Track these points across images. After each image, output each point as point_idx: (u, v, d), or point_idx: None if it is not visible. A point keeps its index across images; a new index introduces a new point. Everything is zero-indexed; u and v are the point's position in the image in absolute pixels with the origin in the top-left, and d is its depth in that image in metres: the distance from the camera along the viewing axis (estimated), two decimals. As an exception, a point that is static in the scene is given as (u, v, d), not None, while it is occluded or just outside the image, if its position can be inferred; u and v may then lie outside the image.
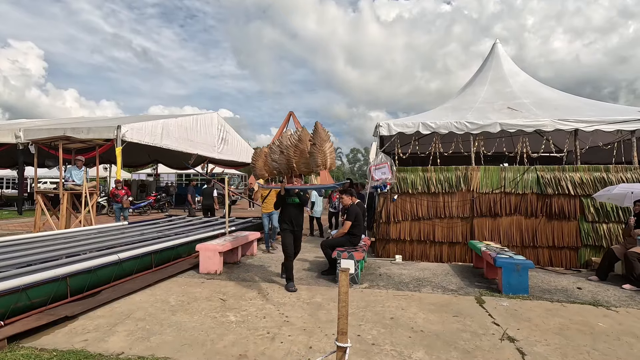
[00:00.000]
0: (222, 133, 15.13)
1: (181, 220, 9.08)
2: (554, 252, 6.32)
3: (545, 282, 5.21)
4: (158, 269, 5.31)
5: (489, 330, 3.41)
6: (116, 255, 4.63)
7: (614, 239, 6.03)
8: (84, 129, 9.38)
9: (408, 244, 6.76)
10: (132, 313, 3.70)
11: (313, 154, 4.26)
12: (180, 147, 12.06)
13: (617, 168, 6.34)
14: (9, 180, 31.36)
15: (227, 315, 3.70)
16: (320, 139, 4.20)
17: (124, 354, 2.82)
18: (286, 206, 4.83)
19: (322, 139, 4.20)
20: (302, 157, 4.52)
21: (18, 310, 3.34)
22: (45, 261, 4.25)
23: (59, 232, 6.46)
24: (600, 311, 4.01)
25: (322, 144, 4.19)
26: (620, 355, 2.96)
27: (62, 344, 2.97)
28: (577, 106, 7.69)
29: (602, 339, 3.27)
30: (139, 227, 7.55)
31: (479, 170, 6.65)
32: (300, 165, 4.61)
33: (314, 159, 4.26)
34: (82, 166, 8.43)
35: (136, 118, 13.70)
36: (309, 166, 4.46)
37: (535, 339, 3.24)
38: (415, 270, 5.84)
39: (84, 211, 7.87)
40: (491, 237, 6.45)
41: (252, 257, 6.69)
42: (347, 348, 1.97)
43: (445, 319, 3.71)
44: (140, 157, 17.77)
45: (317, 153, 4.21)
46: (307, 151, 4.40)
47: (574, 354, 2.96)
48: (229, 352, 2.90)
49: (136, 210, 15.04)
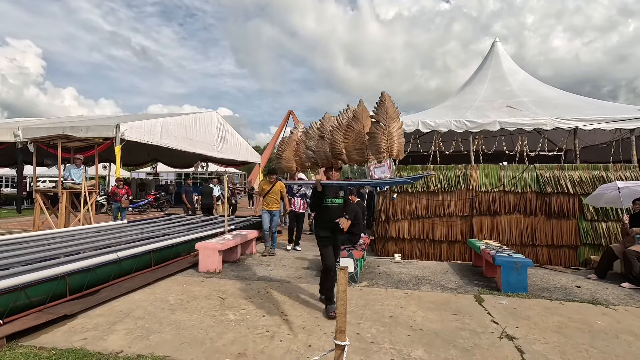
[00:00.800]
0: (221, 132, 15.10)
1: (180, 219, 9.07)
2: (553, 251, 6.33)
3: (544, 281, 5.21)
4: (157, 267, 5.31)
5: (487, 329, 3.41)
6: (115, 254, 4.63)
7: (613, 237, 6.04)
8: (83, 128, 9.36)
9: (407, 243, 6.77)
10: (131, 312, 3.70)
11: (375, 135, 3.19)
12: (180, 146, 12.03)
13: (616, 167, 6.34)
14: (8, 179, 31.31)
15: (226, 313, 3.70)
16: (387, 116, 3.15)
17: (123, 353, 2.82)
18: (324, 208, 3.87)
19: (390, 116, 3.16)
20: (357, 141, 3.44)
21: (17, 309, 3.34)
22: (44, 260, 4.24)
23: (58, 231, 6.45)
24: (599, 309, 4.02)
25: (389, 122, 3.15)
26: (619, 353, 2.97)
27: (61, 343, 2.97)
28: (576, 105, 7.70)
29: (600, 337, 3.27)
30: (138, 225, 7.55)
31: (478, 168, 6.65)
32: (351, 152, 3.54)
33: (376, 143, 3.18)
34: (81, 165, 8.41)
35: (135, 117, 13.67)
36: (363, 153, 3.44)
37: (534, 337, 3.25)
38: (415, 269, 5.85)
39: (83, 210, 7.86)
40: (490, 235, 6.45)
41: (251, 256, 6.69)
42: (346, 346, 1.97)
43: (445, 317, 3.71)
44: (140, 155, 17.74)
45: (381, 135, 3.15)
46: (364, 133, 3.36)
47: (573, 352, 2.96)
48: (228, 350, 2.90)
49: (135, 209, 15.03)
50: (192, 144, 12.78)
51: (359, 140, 3.41)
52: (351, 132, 3.46)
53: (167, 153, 15.81)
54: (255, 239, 7.02)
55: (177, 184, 25.41)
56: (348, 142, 3.50)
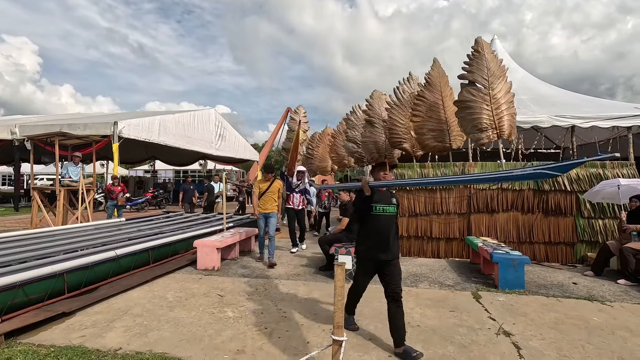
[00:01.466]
0: (219, 129, 15.06)
1: (179, 216, 9.06)
2: (550, 248, 6.36)
3: (542, 278, 5.24)
4: (155, 265, 5.31)
5: (485, 325, 3.43)
6: (113, 251, 4.62)
7: (610, 234, 6.07)
8: (81, 125, 9.32)
9: (405, 240, 6.78)
10: (129, 309, 3.70)
11: (471, 105, 2.13)
12: (178, 144, 12.01)
13: (613, 164, 6.37)
14: (5, 176, 31.18)
15: (224, 311, 3.71)
16: (487, 73, 2.09)
17: (121, 350, 2.83)
18: (373, 219, 2.93)
19: (493, 74, 2.10)
20: (432, 119, 2.45)
21: (15, 306, 3.33)
22: (42, 257, 4.23)
23: (55, 229, 6.43)
24: (596, 306, 4.05)
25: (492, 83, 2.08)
26: (615, 349, 2.99)
27: (60, 340, 2.97)
28: (574, 102, 7.72)
29: (596, 333, 3.30)
30: (136, 223, 7.53)
31: (476, 166, 6.67)
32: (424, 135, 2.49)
33: (473, 117, 2.13)
34: (79, 162, 8.38)
35: (133, 114, 13.61)
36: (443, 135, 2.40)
37: (531, 333, 3.27)
38: (413, 266, 5.87)
39: (81, 208, 7.84)
40: (488, 233, 6.48)
41: (250, 253, 6.70)
42: (343, 341, 1.98)
43: (442, 314, 3.73)
44: (138, 153, 17.68)
45: (481, 103, 2.10)
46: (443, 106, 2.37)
47: (569, 348, 2.99)
48: (227, 347, 2.91)
49: (133, 206, 15.00)
50: (190, 141, 12.76)
51: (435, 116, 2.40)
52: (422, 107, 2.45)
53: (165, 151, 15.75)
54: (254, 236, 7.01)
55: (175, 181, 25.37)
56: (418, 122, 2.50)
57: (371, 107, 3.00)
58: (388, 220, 2.95)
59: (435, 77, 2.43)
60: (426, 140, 2.54)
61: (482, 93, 2.12)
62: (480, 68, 2.14)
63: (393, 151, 2.94)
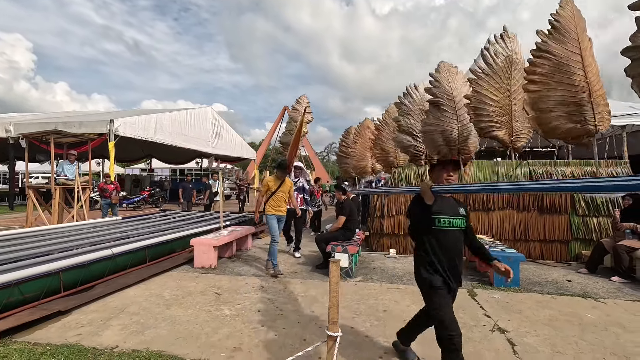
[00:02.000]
0: (216, 127, 15.04)
1: (175, 215, 9.04)
2: (545, 246, 6.41)
3: (536, 275, 5.29)
4: (152, 263, 5.30)
5: (480, 322, 3.46)
6: (110, 250, 4.61)
7: (604, 232, 6.12)
8: (76, 123, 9.27)
9: (402, 238, 6.81)
10: (126, 307, 3.70)
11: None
12: (174, 142, 11.98)
13: (608, 162, 6.42)
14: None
15: (221, 309, 3.71)
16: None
17: (118, 348, 2.83)
18: (438, 234, 2.30)
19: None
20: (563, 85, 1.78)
21: (11, 305, 3.32)
22: (37, 256, 4.22)
23: (51, 227, 6.40)
24: (589, 303, 4.09)
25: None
26: (607, 345, 3.03)
27: (56, 339, 2.97)
28: (569, 101, 7.75)
29: (590, 329, 3.34)
30: (133, 222, 7.52)
31: (472, 164, 6.70)
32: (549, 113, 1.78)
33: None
34: (75, 161, 8.33)
35: (129, 112, 13.56)
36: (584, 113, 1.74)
37: (525, 330, 3.30)
38: (409, 264, 5.89)
39: (76, 206, 7.81)
40: (484, 230, 6.52)
41: (246, 252, 6.70)
42: (338, 337, 1.99)
43: (438, 311, 3.75)
44: (134, 151, 17.62)
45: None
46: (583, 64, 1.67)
47: (563, 344, 3.02)
48: (224, 344, 2.92)
49: (130, 205, 14.95)
50: (186, 139, 12.73)
51: (568, 81, 1.59)
52: (545, 67, 1.61)
53: (161, 149, 15.72)
54: (250, 234, 7.02)
55: (172, 180, 25.29)
56: (537, 91, 1.62)
57: (438, 84, 2.23)
58: (456, 236, 2.34)
59: (567, 20, 1.61)
60: (552, 119, 1.73)
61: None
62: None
63: (468, 142, 2.25)
